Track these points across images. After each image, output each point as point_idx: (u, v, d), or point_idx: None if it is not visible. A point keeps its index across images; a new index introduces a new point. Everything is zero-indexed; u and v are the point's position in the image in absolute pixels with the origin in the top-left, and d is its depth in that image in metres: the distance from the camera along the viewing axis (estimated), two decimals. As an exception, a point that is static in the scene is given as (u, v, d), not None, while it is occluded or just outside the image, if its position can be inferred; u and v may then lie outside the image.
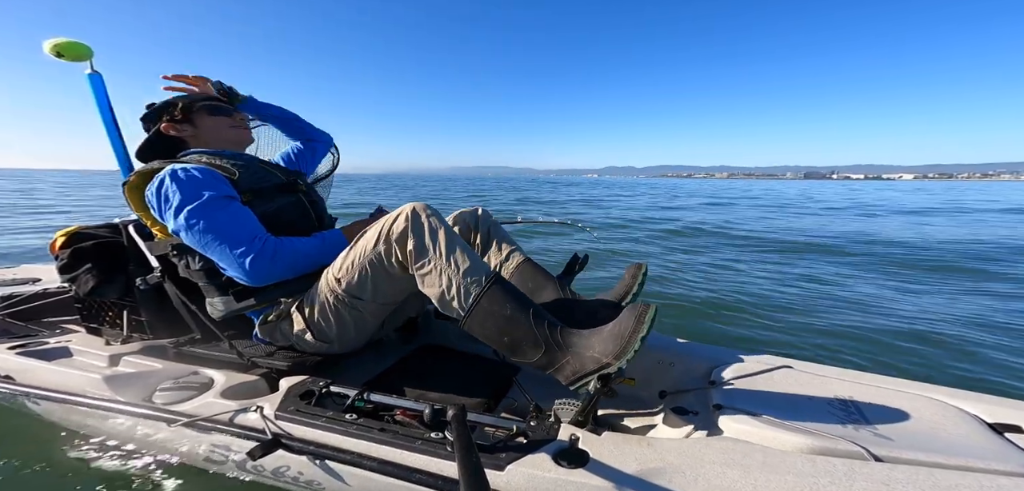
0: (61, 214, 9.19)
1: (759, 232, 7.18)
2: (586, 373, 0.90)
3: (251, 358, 1.24)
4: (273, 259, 1.11)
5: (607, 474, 0.80)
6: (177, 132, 1.28)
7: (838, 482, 0.74)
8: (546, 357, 0.95)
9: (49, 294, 1.81)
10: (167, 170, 1.12)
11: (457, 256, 1.00)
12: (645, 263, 1.31)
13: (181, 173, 1.11)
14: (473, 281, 0.98)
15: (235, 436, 1.04)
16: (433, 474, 0.87)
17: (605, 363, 0.87)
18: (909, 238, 6.64)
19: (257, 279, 1.11)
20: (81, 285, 1.38)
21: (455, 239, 1.03)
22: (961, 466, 0.77)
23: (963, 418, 0.93)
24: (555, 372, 0.95)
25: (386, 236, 1.05)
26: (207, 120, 1.31)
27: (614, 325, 0.92)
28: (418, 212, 1.04)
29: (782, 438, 0.84)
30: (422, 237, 1.02)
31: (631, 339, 0.87)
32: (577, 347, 0.93)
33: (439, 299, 1.01)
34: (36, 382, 1.30)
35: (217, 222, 1.08)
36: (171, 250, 1.21)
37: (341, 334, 1.17)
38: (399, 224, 1.04)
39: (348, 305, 1.13)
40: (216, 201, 1.10)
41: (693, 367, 1.26)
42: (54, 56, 1.35)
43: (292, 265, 1.15)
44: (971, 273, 4.30)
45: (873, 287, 3.75)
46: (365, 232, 1.11)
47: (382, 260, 1.06)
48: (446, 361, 1.39)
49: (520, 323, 0.95)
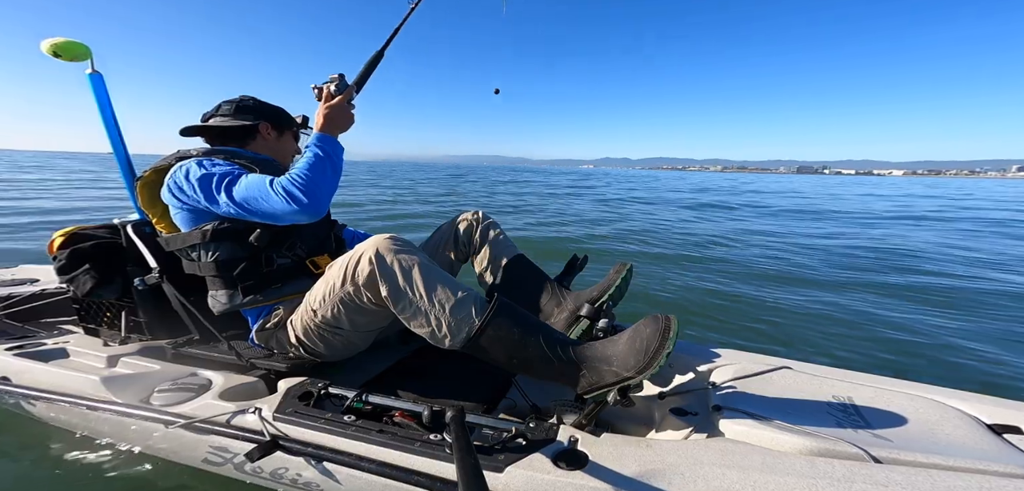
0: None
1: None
2: (605, 385, 0.89)
3: (250, 359, 1.24)
4: (300, 177, 1.05)
5: (606, 476, 0.80)
6: (267, 134, 1.34)
7: (837, 483, 0.74)
8: (558, 373, 0.95)
9: (47, 295, 1.80)
10: (194, 159, 1.16)
11: (439, 294, 0.96)
12: (631, 263, 1.30)
13: (207, 162, 1.15)
14: (463, 317, 0.95)
15: (233, 438, 1.04)
16: (432, 476, 0.87)
17: (626, 376, 0.87)
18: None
19: (308, 196, 1.02)
20: (79, 286, 1.37)
21: (433, 273, 0.98)
22: (960, 467, 0.77)
23: (962, 419, 0.93)
24: (568, 383, 0.95)
25: (352, 278, 1.01)
26: (290, 141, 1.41)
27: (632, 337, 0.91)
28: (383, 254, 0.97)
29: (781, 439, 0.84)
30: (396, 281, 0.97)
31: (657, 355, 0.85)
32: (592, 360, 0.93)
33: (430, 337, 0.99)
34: (33, 383, 1.29)
35: (250, 178, 1.11)
36: (182, 246, 1.21)
37: (331, 352, 1.19)
38: (363, 267, 0.99)
39: (331, 331, 1.13)
40: (236, 172, 1.13)
41: (692, 368, 1.26)
42: (52, 56, 1.35)
43: (319, 171, 1.07)
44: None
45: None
46: (333, 266, 1.09)
47: (354, 299, 1.04)
48: (445, 362, 1.39)
49: (529, 345, 0.95)
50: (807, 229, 7.54)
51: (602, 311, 1.21)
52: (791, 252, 5.35)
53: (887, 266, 4.60)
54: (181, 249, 1.22)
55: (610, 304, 1.23)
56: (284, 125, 1.39)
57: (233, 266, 1.18)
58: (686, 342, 1.39)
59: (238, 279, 1.18)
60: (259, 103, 1.35)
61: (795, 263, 4.71)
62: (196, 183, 1.11)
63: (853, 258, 4.99)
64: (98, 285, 1.37)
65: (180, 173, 1.14)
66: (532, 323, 0.99)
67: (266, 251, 1.19)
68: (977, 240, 6.51)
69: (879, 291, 3.62)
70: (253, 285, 1.19)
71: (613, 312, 1.25)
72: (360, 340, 1.20)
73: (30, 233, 5.19)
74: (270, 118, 1.35)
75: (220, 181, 1.10)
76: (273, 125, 1.35)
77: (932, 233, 7.22)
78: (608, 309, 1.23)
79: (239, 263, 1.17)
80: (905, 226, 8.16)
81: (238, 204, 1.09)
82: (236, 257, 1.18)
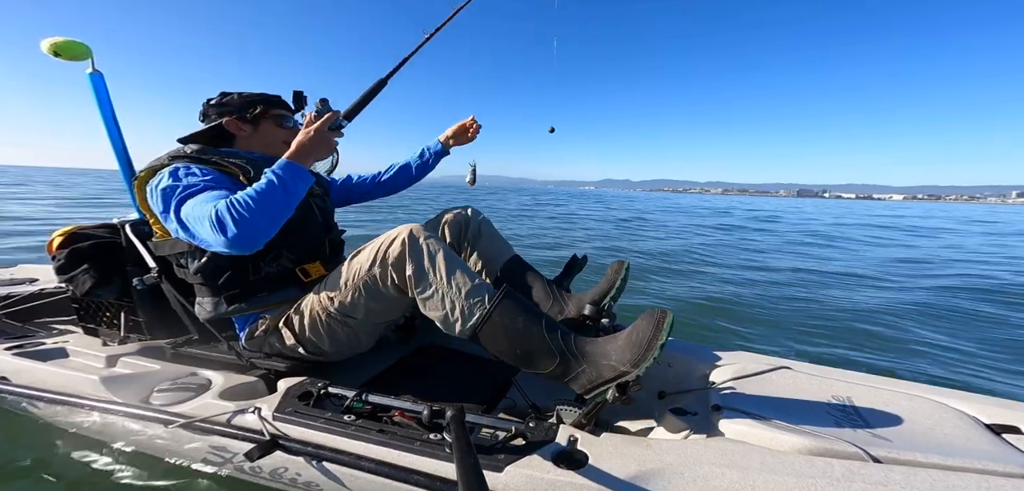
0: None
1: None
2: (603, 381, 0.89)
3: (249, 359, 1.24)
4: (239, 204, 0.94)
5: (606, 476, 0.80)
6: (236, 131, 1.24)
7: (836, 483, 0.74)
8: (561, 367, 0.94)
9: (46, 294, 1.80)
10: (168, 168, 1.08)
11: (458, 278, 1.00)
12: (627, 261, 1.30)
13: (181, 170, 1.07)
14: (476, 302, 0.98)
15: (233, 438, 1.04)
16: (431, 475, 0.87)
17: (623, 372, 0.87)
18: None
19: (239, 226, 0.93)
20: (78, 285, 1.37)
21: (454, 260, 1.02)
22: (959, 467, 0.77)
23: (961, 419, 0.94)
24: (570, 381, 0.95)
25: (382, 259, 1.03)
26: (271, 130, 1.27)
27: (630, 332, 0.92)
28: (416, 235, 1.02)
29: (780, 439, 0.84)
30: (421, 262, 1.01)
31: (650, 347, 0.86)
32: (593, 356, 0.93)
33: (442, 321, 1.01)
34: (32, 383, 1.29)
35: (198, 198, 1.01)
36: (170, 253, 1.19)
37: (334, 348, 1.17)
38: (395, 248, 1.02)
39: (340, 322, 1.12)
40: (196, 188, 1.04)
41: (692, 368, 1.26)
42: (52, 55, 1.35)
43: (265, 200, 0.96)
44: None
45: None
46: (360, 251, 1.09)
47: (377, 283, 1.05)
48: (445, 362, 1.39)
49: (533, 335, 0.95)
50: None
51: (604, 311, 1.21)
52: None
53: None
54: (170, 255, 1.19)
55: (611, 303, 1.23)
56: (259, 115, 1.24)
57: (218, 275, 1.14)
58: (686, 342, 1.39)
59: (222, 288, 1.15)
60: (226, 97, 1.24)
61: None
62: (159, 194, 1.04)
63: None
64: (97, 285, 1.37)
65: (156, 179, 1.08)
66: (535, 313, 0.99)
67: (252, 260, 1.15)
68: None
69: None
70: (238, 294, 1.16)
71: (614, 312, 1.25)
72: (365, 336, 1.19)
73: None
74: (235, 111, 1.22)
75: (177, 196, 1.02)
76: (241, 119, 1.23)
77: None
78: (609, 309, 1.23)
79: (223, 272, 1.14)
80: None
81: (181, 224, 1.01)
82: (220, 266, 1.13)
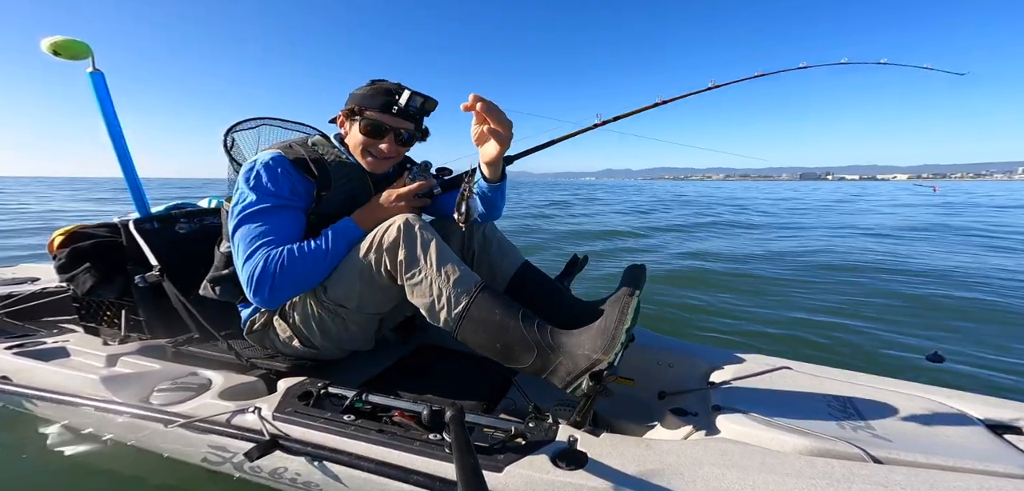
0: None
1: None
2: (579, 372, 0.89)
3: (249, 359, 1.24)
4: (283, 260, 1.02)
5: (606, 475, 0.80)
6: (341, 126, 1.23)
7: (836, 484, 0.74)
8: (540, 360, 0.94)
9: (47, 293, 1.80)
10: (260, 162, 1.08)
11: (447, 268, 1.00)
12: (643, 263, 1.30)
13: (265, 175, 1.07)
14: (462, 291, 0.98)
15: (233, 437, 1.04)
16: (431, 476, 0.87)
17: (595, 359, 0.87)
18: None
19: (273, 289, 1.02)
20: (79, 284, 1.37)
21: (446, 252, 1.02)
22: (960, 467, 0.77)
23: (962, 419, 0.94)
24: (550, 376, 0.94)
25: (378, 245, 1.04)
26: (355, 133, 1.17)
27: (601, 321, 0.92)
28: (411, 223, 1.03)
29: (781, 439, 0.84)
30: (414, 248, 1.01)
31: (616, 332, 0.87)
32: (568, 347, 0.93)
33: (428, 310, 1.01)
34: (33, 382, 1.29)
35: (252, 227, 1.04)
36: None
37: (325, 342, 1.17)
38: (391, 234, 1.03)
39: (332, 312, 1.12)
40: (257, 209, 1.05)
41: (692, 368, 1.26)
42: (52, 54, 1.35)
43: (309, 263, 1.04)
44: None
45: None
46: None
47: (371, 269, 1.05)
48: (444, 361, 1.39)
49: (510, 327, 0.95)
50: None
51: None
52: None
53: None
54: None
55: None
56: (355, 112, 1.16)
57: (226, 263, 1.17)
58: (686, 342, 1.39)
59: (228, 277, 1.17)
60: (361, 89, 1.16)
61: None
62: (237, 192, 1.07)
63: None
64: (98, 284, 1.37)
65: (247, 165, 1.09)
66: (512, 305, 0.99)
67: None
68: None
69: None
70: (234, 286, 1.16)
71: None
72: (357, 329, 1.18)
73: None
74: (355, 105, 1.16)
75: (242, 211, 1.05)
76: (346, 114, 1.18)
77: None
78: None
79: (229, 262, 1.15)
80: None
81: (231, 240, 1.06)
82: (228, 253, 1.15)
